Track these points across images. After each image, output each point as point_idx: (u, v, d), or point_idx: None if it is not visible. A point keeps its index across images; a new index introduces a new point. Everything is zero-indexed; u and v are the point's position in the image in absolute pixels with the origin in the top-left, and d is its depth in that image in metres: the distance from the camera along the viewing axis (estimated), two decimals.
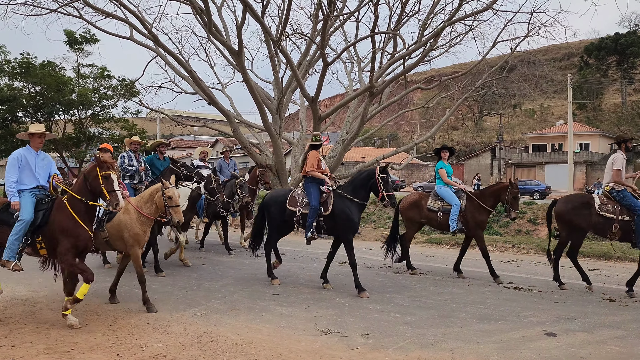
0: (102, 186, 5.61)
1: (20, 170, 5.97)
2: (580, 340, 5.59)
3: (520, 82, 23.56)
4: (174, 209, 6.57)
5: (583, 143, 50.34)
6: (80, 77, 26.32)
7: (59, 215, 5.69)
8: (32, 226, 5.67)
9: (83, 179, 5.79)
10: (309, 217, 7.81)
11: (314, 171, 8.01)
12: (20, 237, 5.62)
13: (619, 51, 63.20)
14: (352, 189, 7.83)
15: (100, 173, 5.67)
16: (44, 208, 5.80)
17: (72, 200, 5.70)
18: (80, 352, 4.91)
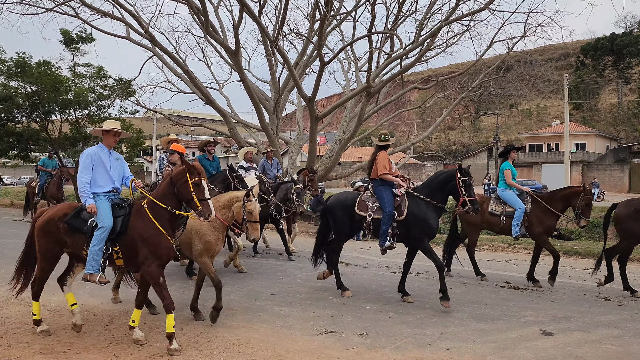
0: (192, 194, 5.08)
1: (94, 170, 5.42)
2: (576, 339, 5.60)
3: (517, 82, 23.63)
4: (252, 225, 5.96)
5: (579, 143, 50.48)
6: (76, 77, 26.20)
7: (138, 222, 5.15)
8: (111, 234, 5.11)
9: (169, 184, 5.23)
10: (383, 223, 7.16)
11: (387, 174, 7.38)
12: (102, 246, 5.06)
13: (615, 51, 63.42)
14: (429, 192, 7.21)
15: (190, 179, 5.12)
16: (121, 214, 5.23)
17: (154, 207, 5.16)
18: (77, 352, 4.90)
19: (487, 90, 22.00)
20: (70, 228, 5.27)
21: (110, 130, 5.62)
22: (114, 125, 5.70)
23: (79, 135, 26.12)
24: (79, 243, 5.24)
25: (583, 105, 66.21)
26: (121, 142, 28.05)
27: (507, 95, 46.56)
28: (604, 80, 67.60)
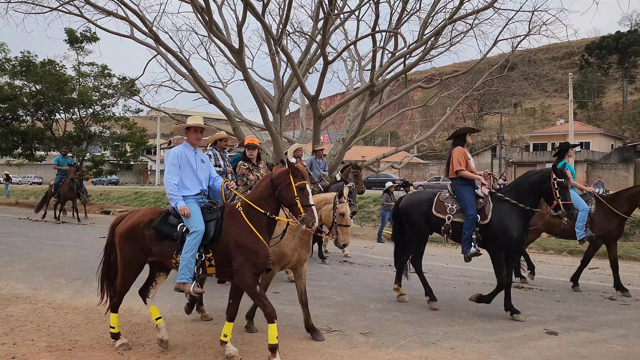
0: (296, 199, 4.60)
1: (180, 171, 5.01)
2: (581, 339, 5.59)
3: (521, 81, 23.55)
4: (343, 229, 5.50)
5: (584, 142, 50.31)
6: (80, 76, 26.33)
7: (233, 227, 4.73)
8: (204, 239, 4.70)
9: (268, 186, 4.77)
10: (466, 227, 6.55)
11: (464, 170, 6.77)
12: (195, 252, 4.66)
13: (620, 50, 63.21)
14: (517, 193, 6.56)
15: (294, 183, 4.65)
16: (213, 218, 4.82)
17: (250, 211, 4.73)
18: (82, 350, 4.92)
19: (491, 89, 21.94)
20: (158, 234, 4.88)
21: (193, 126, 5.16)
22: (198, 121, 5.21)
23: (83, 134, 26.25)
24: (168, 251, 4.84)
25: (588, 104, 66.01)
26: (125, 140, 28.18)
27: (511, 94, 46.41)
28: (608, 79, 67.38)
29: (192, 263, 4.67)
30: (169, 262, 4.91)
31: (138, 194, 28.55)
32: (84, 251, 10.96)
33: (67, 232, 14.44)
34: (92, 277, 8.19)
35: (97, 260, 9.65)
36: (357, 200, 20.70)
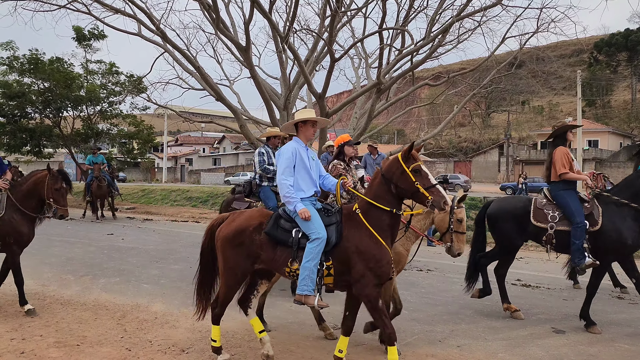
0: (416, 184, 4.08)
1: (295, 171, 4.51)
2: (589, 337, 5.56)
3: (529, 79, 23.43)
4: (459, 236, 5.04)
5: (592, 140, 50.00)
6: (88, 73, 26.48)
7: (353, 231, 4.25)
8: (325, 246, 4.21)
9: (381, 183, 4.29)
10: (575, 237, 5.85)
11: (569, 173, 6.16)
12: (317, 261, 4.18)
13: (630, 47, 62.72)
14: (632, 193, 5.90)
15: (407, 167, 4.15)
16: (333, 222, 4.31)
17: (368, 211, 4.26)
18: (90, 345, 4.95)
19: (499, 86, 21.81)
20: (271, 240, 4.40)
21: (309, 120, 4.64)
22: (311, 114, 4.73)
23: (90, 131, 26.39)
24: (281, 258, 4.34)
25: (596, 102, 65.56)
26: (132, 138, 28.30)
27: (518, 92, 46.24)
28: (617, 77, 66.86)
29: (315, 273, 4.18)
30: (281, 270, 4.42)
31: (145, 191, 28.66)
32: (92, 248, 11.03)
33: (76, 229, 14.53)
34: (100, 274, 8.27)
35: (105, 256, 9.75)
36: None
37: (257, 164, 7.53)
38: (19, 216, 5.97)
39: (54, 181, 6.00)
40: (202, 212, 21.25)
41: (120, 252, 10.55)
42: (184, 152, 72.42)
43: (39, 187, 6.03)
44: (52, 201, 5.97)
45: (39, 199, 6.06)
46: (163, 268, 8.96)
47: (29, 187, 6.07)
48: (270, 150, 7.60)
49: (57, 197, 5.98)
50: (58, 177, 6.03)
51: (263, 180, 7.57)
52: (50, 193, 5.97)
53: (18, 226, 5.94)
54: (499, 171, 53.69)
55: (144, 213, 21.36)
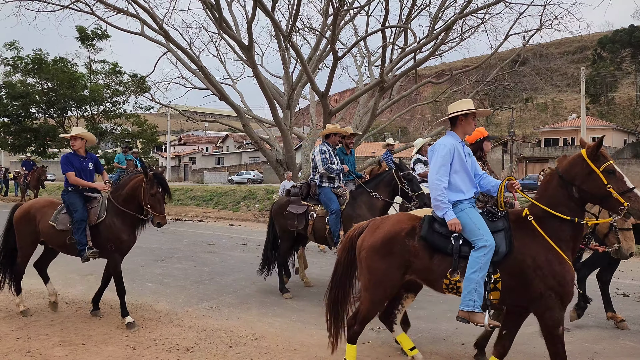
0: (608, 188, 3.50)
1: (451, 170, 3.98)
2: (594, 335, 5.55)
3: (533, 76, 23.35)
4: (625, 233, 4.52)
5: (596, 137, 49.64)
6: (91, 73, 26.57)
7: (527, 240, 3.69)
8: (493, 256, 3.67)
9: (559, 185, 3.73)
10: None
11: None
12: (485, 273, 3.66)
13: (634, 44, 62.49)
14: None
15: (598, 168, 3.57)
16: (500, 228, 3.76)
17: (544, 219, 3.69)
18: (95, 344, 4.97)
19: (502, 84, 21.76)
20: (427, 247, 3.89)
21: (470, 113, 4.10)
22: (471, 105, 4.18)
23: (94, 131, 26.45)
24: (440, 268, 3.85)
25: (600, 99, 65.35)
26: (136, 137, 28.37)
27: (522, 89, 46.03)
28: (621, 74, 66.63)
29: (482, 286, 3.68)
30: (439, 282, 3.92)
31: None
32: None
33: None
34: None
35: None
36: None
37: (320, 163, 6.92)
38: (119, 221, 5.66)
39: (150, 186, 5.54)
40: (205, 211, 21.30)
41: None
42: (188, 151, 72.55)
43: (137, 191, 5.64)
44: (149, 207, 5.55)
45: (137, 205, 5.68)
46: (167, 267, 8.98)
47: (128, 192, 5.69)
48: (331, 148, 7.12)
49: (153, 203, 5.53)
50: (154, 182, 5.55)
51: (323, 180, 6.99)
52: (147, 198, 5.55)
53: (119, 232, 5.63)
54: (502, 168, 53.55)
55: None
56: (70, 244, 5.62)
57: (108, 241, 5.61)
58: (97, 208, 5.73)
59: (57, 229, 5.71)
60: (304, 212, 6.91)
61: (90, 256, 5.56)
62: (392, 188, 6.76)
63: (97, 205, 5.76)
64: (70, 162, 5.87)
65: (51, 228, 5.75)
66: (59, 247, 5.97)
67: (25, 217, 5.94)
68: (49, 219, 5.78)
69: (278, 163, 17.53)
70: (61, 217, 5.73)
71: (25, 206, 6.12)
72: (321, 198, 6.91)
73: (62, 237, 5.69)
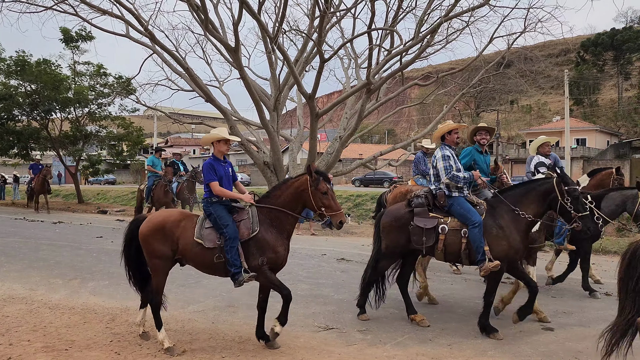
0: None
1: None
2: (577, 334, 5.61)
3: (517, 78, 23.61)
4: None
5: (580, 139, 50.44)
6: (76, 75, 26.25)
7: None
8: None
9: None
10: None
11: None
12: None
13: (616, 47, 63.41)
14: None
15: None
16: None
17: None
18: (78, 350, 4.91)
19: (488, 86, 21.96)
20: None
21: None
22: None
23: (79, 133, 26.19)
24: None
25: (583, 101, 66.19)
26: (122, 139, 28.13)
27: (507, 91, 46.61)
28: (604, 76, 67.55)
29: None
30: None
31: (136, 193, 28.49)
32: (80, 251, 10.94)
33: (64, 232, 14.41)
34: (89, 277, 8.21)
35: (94, 259, 9.66)
36: (356, 199, 20.48)
37: (443, 171, 5.89)
38: (273, 234, 5.02)
39: (317, 184, 4.93)
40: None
41: (109, 255, 10.46)
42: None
43: (303, 195, 4.99)
44: (323, 209, 4.91)
45: (300, 209, 5.13)
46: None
47: (289, 198, 5.05)
48: (453, 152, 6.12)
49: (327, 202, 4.92)
50: (319, 179, 4.96)
51: (452, 189, 5.92)
52: (319, 199, 4.92)
53: (274, 246, 4.99)
54: None
55: (134, 215, 21.22)
56: (218, 263, 4.97)
57: (261, 257, 4.96)
58: (249, 220, 5.01)
59: (204, 247, 4.97)
60: (434, 227, 5.81)
61: (247, 281, 4.93)
62: (547, 202, 5.64)
63: (247, 217, 5.04)
64: (215, 169, 5.17)
65: (195, 246, 5.00)
66: (202, 267, 5.21)
67: (159, 232, 5.08)
68: (191, 234, 5.02)
69: (265, 165, 17.49)
70: (206, 233, 5.00)
71: (156, 220, 5.19)
72: (455, 210, 5.82)
73: (208, 256, 4.98)
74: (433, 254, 5.99)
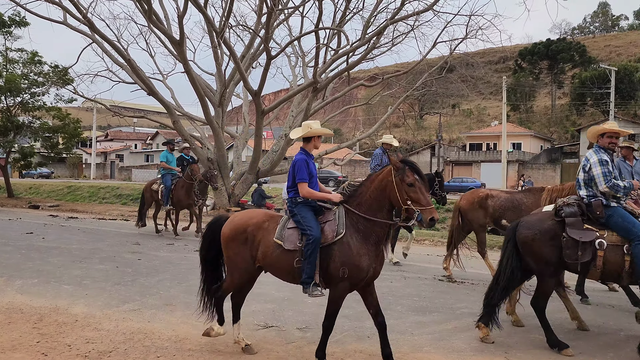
0: None
1: None
2: (507, 330, 5.85)
3: (459, 83, 24.40)
4: None
5: (516, 143, 52.79)
6: (8, 62, 24.84)
7: None
8: None
9: None
10: None
11: None
12: None
13: (550, 56, 66.79)
14: None
15: None
16: None
17: None
18: (2, 351, 4.64)
19: (431, 89, 22.60)
20: None
21: None
22: None
23: (10, 124, 24.78)
24: None
25: (520, 107, 69.31)
26: (57, 131, 26.85)
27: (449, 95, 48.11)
28: (539, 84, 71.05)
29: None
30: None
31: (71, 187, 27.30)
32: (8, 247, 10.36)
33: None
34: (17, 275, 7.78)
35: (23, 256, 9.17)
36: None
37: (601, 178, 5.15)
38: (360, 237, 4.37)
39: (402, 175, 4.24)
40: (132, 210, 20.49)
41: (40, 251, 9.97)
42: (115, 148, 69.52)
43: (387, 189, 4.32)
44: (410, 203, 4.20)
45: (388, 209, 4.39)
46: (87, 268, 8.55)
47: (374, 195, 4.38)
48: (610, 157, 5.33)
49: (416, 196, 4.20)
50: (404, 168, 4.26)
51: (609, 198, 5.21)
52: (404, 192, 4.21)
53: (359, 253, 4.32)
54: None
55: (69, 211, 20.34)
56: (298, 269, 4.44)
57: (342, 265, 4.31)
58: (334, 222, 4.44)
59: (284, 249, 4.48)
60: (591, 241, 5.05)
61: (313, 296, 4.44)
62: None
63: (333, 219, 4.47)
64: (308, 167, 4.66)
65: (275, 248, 4.52)
66: (281, 273, 4.70)
67: (241, 235, 4.67)
68: (272, 236, 4.57)
69: (209, 162, 17.21)
70: (288, 234, 4.52)
71: (239, 221, 4.77)
72: (615, 222, 5.11)
73: (288, 260, 4.48)
74: (585, 272, 5.21)
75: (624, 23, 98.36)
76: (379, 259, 4.49)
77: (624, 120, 46.29)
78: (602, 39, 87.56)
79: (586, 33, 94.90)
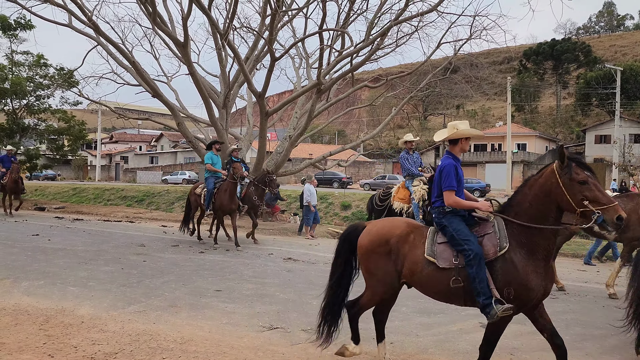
0: None
1: None
2: (513, 331, 5.81)
3: (463, 84, 24.36)
4: None
5: (521, 143, 52.64)
6: (13, 65, 25.00)
7: None
8: None
9: None
10: None
11: None
12: None
13: (555, 57, 66.62)
14: None
15: None
16: None
17: None
18: (8, 352, 4.66)
19: (435, 90, 22.60)
20: None
21: None
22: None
23: (16, 126, 24.94)
24: None
25: (525, 108, 69.13)
26: (62, 134, 26.98)
27: (453, 96, 48.11)
28: (544, 84, 70.86)
29: None
30: None
31: (77, 189, 27.40)
32: (14, 249, 10.41)
33: None
34: (23, 277, 7.82)
35: (29, 258, 9.22)
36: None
37: None
38: (524, 255, 3.82)
39: (566, 172, 3.73)
40: (136, 212, 20.57)
41: (46, 253, 10.01)
42: (119, 150, 69.76)
43: (553, 193, 3.78)
44: (587, 204, 3.63)
45: (555, 217, 3.84)
46: (92, 270, 8.58)
47: (536, 202, 3.87)
48: None
49: (592, 194, 3.64)
50: (571, 165, 3.73)
51: None
52: (578, 193, 3.67)
53: (525, 272, 3.79)
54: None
55: (75, 213, 20.41)
56: (454, 288, 3.97)
57: (507, 285, 3.81)
58: (494, 235, 3.91)
59: (437, 267, 4.01)
60: None
61: (502, 314, 3.80)
62: None
63: (492, 231, 3.94)
64: (458, 174, 4.24)
65: (426, 266, 4.06)
66: (434, 293, 4.23)
67: (383, 248, 4.25)
68: (421, 251, 4.11)
69: None
70: (440, 249, 4.05)
71: (379, 232, 4.35)
72: None
73: (442, 279, 4.01)
74: None
75: (629, 23, 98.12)
76: (550, 276, 3.94)
77: (630, 121, 46.12)
78: (607, 39, 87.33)
79: (591, 33, 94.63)
